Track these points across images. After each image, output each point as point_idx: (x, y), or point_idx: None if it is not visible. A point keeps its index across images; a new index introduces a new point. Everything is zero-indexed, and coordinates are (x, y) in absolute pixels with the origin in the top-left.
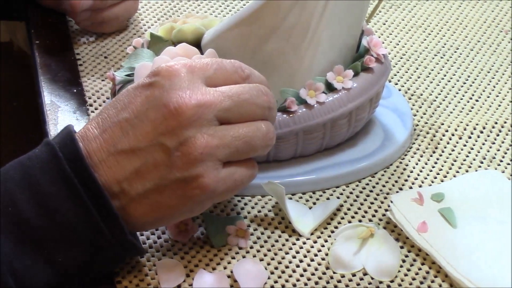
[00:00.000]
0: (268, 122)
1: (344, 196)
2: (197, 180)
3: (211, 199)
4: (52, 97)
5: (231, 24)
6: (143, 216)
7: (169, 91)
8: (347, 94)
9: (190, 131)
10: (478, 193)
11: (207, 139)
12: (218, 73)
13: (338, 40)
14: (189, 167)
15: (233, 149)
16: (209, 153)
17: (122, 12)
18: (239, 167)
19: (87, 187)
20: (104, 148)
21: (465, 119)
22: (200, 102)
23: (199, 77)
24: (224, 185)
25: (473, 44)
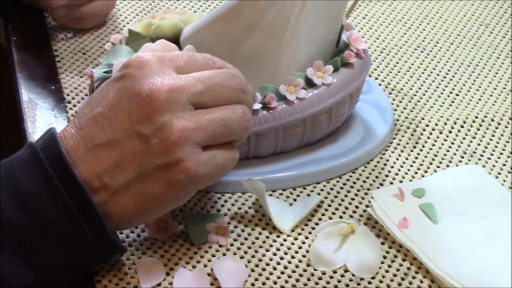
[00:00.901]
0: (244, 105)
1: (324, 192)
2: (179, 165)
3: (195, 183)
4: (30, 94)
5: (210, 19)
6: (128, 208)
7: (141, 79)
8: (327, 89)
9: (165, 116)
10: (459, 188)
11: (183, 123)
12: (189, 63)
13: (317, 35)
14: (169, 153)
15: (211, 132)
16: (187, 136)
17: (99, 7)
18: (219, 150)
19: (68, 186)
20: (81, 145)
21: (446, 113)
22: (172, 87)
23: (169, 66)
24: (206, 168)
25: (453, 38)
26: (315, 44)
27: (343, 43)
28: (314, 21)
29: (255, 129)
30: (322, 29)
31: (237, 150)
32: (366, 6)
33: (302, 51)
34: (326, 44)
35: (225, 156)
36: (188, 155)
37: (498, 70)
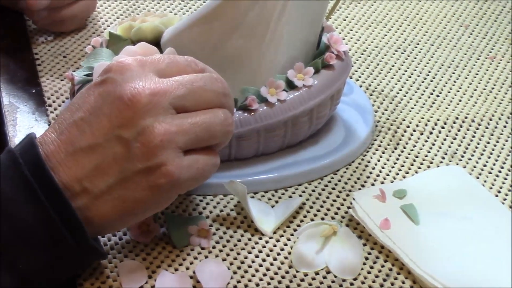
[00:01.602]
0: (226, 110)
1: (306, 194)
2: (161, 169)
3: (177, 188)
4: (10, 98)
5: (190, 22)
6: (109, 213)
7: (122, 84)
8: (308, 91)
9: (147, 120)
10: (440, 189)
11: (165, 126)
12: (170, 66)
13: (298, 37)
14: (151, 157)
15: (193, 135)
16: (169, 140)
17: (80, 10)
18: (201, 155)
19: (46, 191)
20: (62, 149)
21: (426, 115)
22: (154, 91)
23: (150, 70)
24: (188, 172)
25: (433, 40)
26: (296, 46)
27: (323, 45)
28: (295, 23)
29: (237, 131)
30: (302, 31)
31: (218, 155)
32: (347, 8)
33: (283, 53)
34: (307, 46)
35: (206, 161)
36: (170, 159)
37: (478, 71)
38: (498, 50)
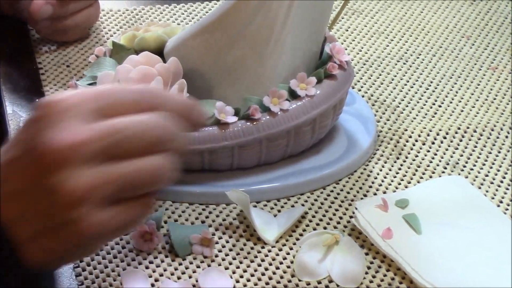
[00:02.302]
0: (163, 156)
1: (308, 203)
2: (76, 225)
3: (98, 241)
4: (14, 107)
5: (193, 31)
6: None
7: (43, 130)
8: (310, 101)
9: (63, 173)
10: (442, 198)
11: (84, 180)
12: (113, 103)
13: (301, 47)
14: (67, 211)
15: (116, 187)
16: (86, 194)
17: (83, 20)
18: (127, 206)
19: None
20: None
21: (428, 124)
22: (71, 143)
23: (85, 109)
24: (108, 227)
25: (435, 50)
26: (298, 55)
27: (326, 55)
28: (297, 33)
29: (239, 140)
30: (305, 41)
31: (150, 203)
32: (349, 19)
33: (285, 63)
34: (310, 56)
35: (132, 212)
36: (86, 215)
37: (480, 81)
38: (500, 61)
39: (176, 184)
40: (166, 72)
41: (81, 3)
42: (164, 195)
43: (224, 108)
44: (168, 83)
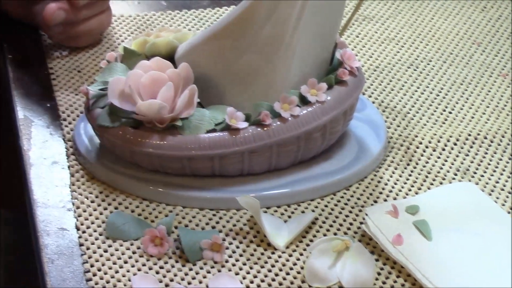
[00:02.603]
0: None
1: (319, 209)
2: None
3: None
4: (25, 112)
5: (204, 37)
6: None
7: None
8: (321, 107)
9: None
10: (453, 205)
11: None
12: None
13: (311, 53)
14: None
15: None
16: None
17: (95, 26)
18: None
19: None
20: None
21: (439, 131)
22: None
23: None
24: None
25: (446, 57)
26: (309, 62)
27: (337, 61)
28: (308, 39)
29: (249, 146)
30: (316, 47)
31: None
32: (360, 25)
33: (296, 69)
34: (320, 62)
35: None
36: None
37: (490, 88)
38: (510, 68)
39: (187, 189)
40: (177, 77)
41: (94, 9)
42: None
43: (234, 113)
44: (179, 89)
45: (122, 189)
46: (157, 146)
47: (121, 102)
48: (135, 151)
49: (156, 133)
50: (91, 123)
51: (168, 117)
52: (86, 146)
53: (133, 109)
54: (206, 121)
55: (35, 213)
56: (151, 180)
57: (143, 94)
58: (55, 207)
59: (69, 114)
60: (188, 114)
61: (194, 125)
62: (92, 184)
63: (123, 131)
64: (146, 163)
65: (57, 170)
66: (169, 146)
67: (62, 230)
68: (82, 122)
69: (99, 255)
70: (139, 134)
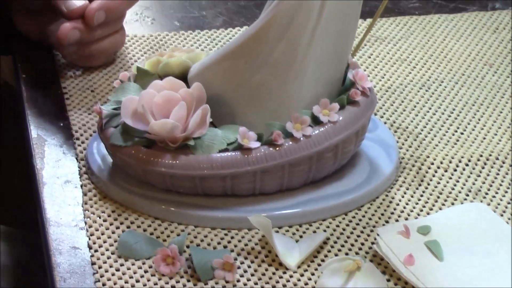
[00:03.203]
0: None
1: (330, 229)
2: None
3: None
4: (38, 131)
5: (217, 57)
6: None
7: None
8: (333, 127)
9: None
10: (465, 226)
11: None
12: None
13: (324, 74)
14: None
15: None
16: None
17: (109, 46)
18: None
19: None
20: None
21: (451, 152)
22: None
23: None
24: None
25: (458, 78)
26: (321, 82)
27: (349, 81)
28: (321, 59)
29: (261, 166)
30: (328, 67)
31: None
32: (372, 46)
33: (308, 89)
34: (332, 82)
35: None
36: None
37: (502, 109)
38: None
39: (199, 209)
40: (190, 97)
41: (108, 29)
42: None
43: (247, 133)
44: (191, 108)
45: (135, 208)
46: (169, 165)
47: (134, 121)
48: (147, 170)
49: (168, 152)
50: (104, 142)
51: (181, 137)
52: (99, 165)
53: (146, 129)
54: (219, 140)
55: (48, 231)
56: (163, 200)
57: (156, 114)
58: (68, 225)
59: (82, 133)
60: (201, 133)
61: (207, 145)
62: (104, 203)
63: (135, 150)
64: (158, 182)
65: (70, 189)
66: (182, 166)
67: (74, 248)
68: (95, 141)
69: (111, 274)
70: (151, 153)
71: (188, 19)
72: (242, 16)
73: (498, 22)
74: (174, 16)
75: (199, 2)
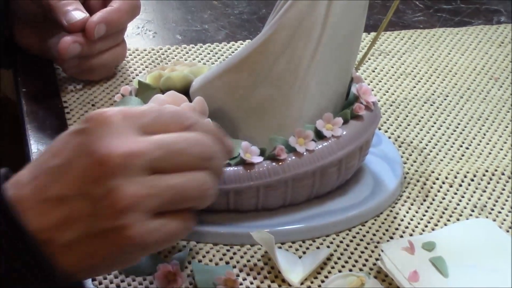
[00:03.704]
0: (206, 173)
1: (334, 245)
2: (123, 232)
3: (142, 250)
4: (39, 146)
5: (219, 71)
6: (74, 265)
7: (98, 138)
8: (336, 142)
9: (117, 180)
10: (470, 241)
11: (134, 189)
12: (155, 122)
13: (327, 88)
14: (114, 218)
15: (164, 199)
16: (136, 203)
17: (110, 59)
18: (172, 219)
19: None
20: (33, 195)
21: (456, 166)
22: (128, 151)
23: (133, 124)
24: (152, 237)
25: (463, 92)
26: (324, 96)
27: (352, 96)
28: (324, 73)
29: (265, 181)
30: (331, 81)
31: (192, 218)
32: (376, 59)
33: (311, 103)
34: (336, 96)
35: (176, 225)
36: (134, 222)
37: (508, 124)
38: None
39: (201, 225)
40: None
41: (109, 43)
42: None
43: (249, 148)
44: None
45: None
46: None
47: None
48: None
49: None
50: None
51: None
52: None
53: None
54: None
55: None
56: None
57: None
58: None
59: None
60: None
61: None
62: None
63: None
64: None
65: None
66: None
67: None
68: None
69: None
70: None
71: (190, 33)
72: (245, 29)
73: (504, 36)
74: (176, 29)
75: (201, 16)
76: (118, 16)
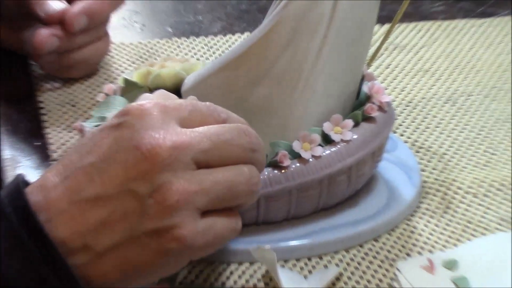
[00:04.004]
0: (252, 166)
1: (344, 263)
2: (173, 232)
3: (188, 254)
4: (12, 151)
5: (215, 68)
6: (110, 274)
7: (141, 131)
8: (346, 147)
9: (165, 175)
10: (496, 259)
11: (184, 184)
12: (193, 114)
13: (335, 86)
14: (164, 217)
15: (213, 195)
16: (187, 200)
17: (91, 54)
18: (219, 217)
19: (38, 246)
20: (65, 197)
21: (481, 174)
22: (176, 143)
23: (172, 118)
24: (203, 238)
25: (488, 91)
26: (332, 95)
27: (364, 95)
28: (332, 70)
29: (266, 191)
30: (340, 79)
31: (239, 218)
32: (390, 54)
33: (317, 104)
34: (345, 96)
35: (225, 225)
36: (185, 221)
37: None
38: None
39: None
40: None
41: (90, 36)
42: None
43: None
44: None
45: None
46: None
47: None
48: None
49: None
50: None
51: None
52: None
53: None
54: None
55: None
56: None
57: None
58: None
59: (60, 154)
60: None
61: None
62: None
63: None
64: None
65: None
66: None
67: None
68: None
69: None
70: None
71: (182, 25)
72: (243, 21)
73: None
74: (167, 21)
75: (194, 6)
76: (100, 7)
